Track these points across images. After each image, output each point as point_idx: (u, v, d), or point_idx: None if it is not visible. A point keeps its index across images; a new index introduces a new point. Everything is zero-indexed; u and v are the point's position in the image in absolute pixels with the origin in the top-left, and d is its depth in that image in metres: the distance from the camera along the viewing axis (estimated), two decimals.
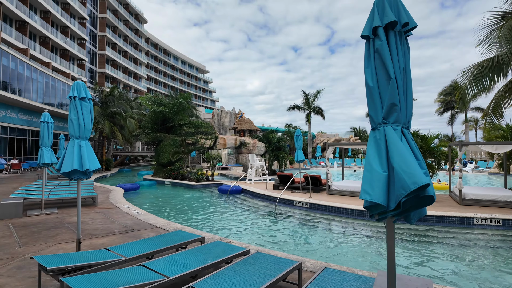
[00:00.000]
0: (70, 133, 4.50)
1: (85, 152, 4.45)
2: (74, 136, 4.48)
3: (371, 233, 7.58)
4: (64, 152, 4.48)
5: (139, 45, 64.06)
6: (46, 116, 8.15)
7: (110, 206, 9.31)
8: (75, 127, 4.47)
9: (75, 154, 4.38)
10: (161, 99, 21.61)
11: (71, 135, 4.50)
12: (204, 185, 16.18)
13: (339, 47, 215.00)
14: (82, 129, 4.51)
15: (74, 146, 4.43)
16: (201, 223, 8.74)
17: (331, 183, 12.25)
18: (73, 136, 4.49)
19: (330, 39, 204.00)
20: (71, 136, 4.50)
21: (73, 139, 4.49)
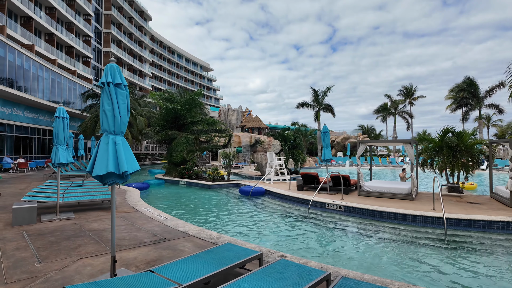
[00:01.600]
0: (103, 127, 3.68)
1: (122, 151, 3.63)
2: (108, 131, 3.66)
3: (419, 241, 6.72)
4: (95, 150, 3.66)
5: (143, 43, 63.28)
6: (61, 110, 7.35)
7: (130, 209, 8.51)
8: (109, 119, 3.65)
9: (110, 153, 3.56)
10: (172, 95, 20.81)
11: (104, 129, 3.68)
12: (220, 185, 15.38)
13: (340, 45, 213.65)
14: (117, 122, 3.69)
15: (108, 143, 3.61)
16: (232, 229, 7.92)
17: (363, 183, 11.39)
18: (106, 131, 3.67)
19: (331, 37, 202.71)
20: (104, 131, 3.68)
21: (107, 134, 3.67)
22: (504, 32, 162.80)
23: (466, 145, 11.92)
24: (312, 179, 12.79)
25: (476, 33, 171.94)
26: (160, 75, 74.39)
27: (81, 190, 9.68)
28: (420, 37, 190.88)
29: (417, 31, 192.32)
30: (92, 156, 3.69)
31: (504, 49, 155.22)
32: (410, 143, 10.54)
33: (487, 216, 7.73)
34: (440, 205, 9.03)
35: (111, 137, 3.66)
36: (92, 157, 3.68)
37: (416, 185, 10.46)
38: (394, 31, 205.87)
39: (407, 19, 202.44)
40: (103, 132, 3.70)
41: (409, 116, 50.79)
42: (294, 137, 19.49)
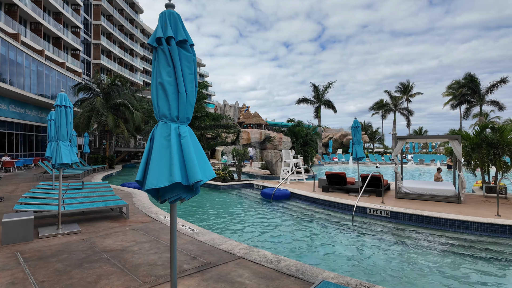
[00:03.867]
0: (159, 110, 2.32)
1: (191, 148, 2.28)
2: (169, 117, 2.31)
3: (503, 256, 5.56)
4: (146, 150, 2.31)
5: (134, 36, 60.91)
6: (63, 98, 5.89)
7: (146, 218, 7.10)
8: (170, 97, 2.31)
9: (173, 152, 2.21)
10: None
11: (162, 114, 2.32)
12: (232, 185, 14.02)
13: (329, 43, 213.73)
14: (183, 103, 2.35)
15: (170, 137, 2.26)
16: (273, 244, 6.62)
17: (401, 184, 10.23)
18: (165, 116, 2.31)
19: (321, 35, 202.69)
20: (162, 117, 2.32)
21: (166, 122, 2.31)
22: (487, 32, 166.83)
23: (507, 141, 10.90)
24: (339, 180, 11.58)
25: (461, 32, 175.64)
26: (151, 70, 72.03)
27: (83, 195, 8.18)
28: (407, 36, 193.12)
29: (404, 30, 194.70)
30: (143, 159, 2.33)
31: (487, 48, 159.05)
32: (457, 139, 9.42)
33: None
34: (498, 209, 7.94)
35: (173, 126, 2.30)
36: (143, 160, 2.31)
37: (465, 186, 9.36)
38: (382, 29, 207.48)
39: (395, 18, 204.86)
40: (159, 119, 2.33)
41: (408, 113, 50.34)
42: (306, 133, 18.26)
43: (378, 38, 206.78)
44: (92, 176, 17.06)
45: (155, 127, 2.33)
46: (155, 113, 2.35)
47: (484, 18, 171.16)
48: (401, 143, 10.31)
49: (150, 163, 2.22)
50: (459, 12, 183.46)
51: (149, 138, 2.35)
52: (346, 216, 8.70)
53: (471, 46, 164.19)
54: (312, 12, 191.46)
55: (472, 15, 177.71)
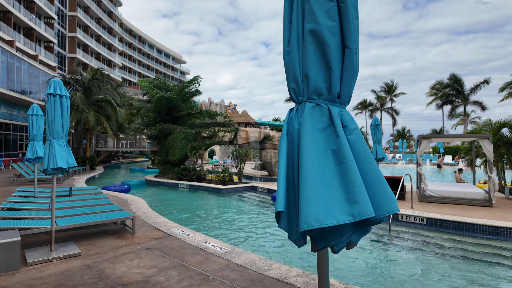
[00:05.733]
0: (310, 85, 1.24)
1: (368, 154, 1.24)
2: (327, 95, 1.24)
3: None
4: (290, 152, 1.24)
5: (113, 30, 58.09)
6: (57, 84, 4.62)
7: (156, 233, 5.91)
8: (334, 67, 1.22)
9: (348, 163, 1.15)
10: (164, 82, 17.83)
11: (313, 89, 1.24)
12: (234, 188, 12.92)
13: None
14: (351, 74, 1.27)
15: (336, 132, 1.19)
16: (305, 258, 5.63)
17: (426, 187, 9.55)
18: (319, 93, 1.24)
19: None
20: (310, 95, 1.25)
21: (321, 102, 1.25)
22: (457, 36, 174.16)
23: None
24: None
25: (433, 36, 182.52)
26: (130, 66, 69.34)
27: (75, 204, 6.83)
28: (383, 38, 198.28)
29: (381, 32, 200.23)
30: (281, 174, 1.26)
31: (457, 52, 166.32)
32: (488, 138, 8.82)
33: None
34: None
35: (334, 110, 1.27)
36: (281, 176, 1.25)
37: (496, 188, 8.79)
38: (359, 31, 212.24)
39: (371, 21, 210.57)
40: (303, 97, 1.28)
41: (395, 113, 50.98)
42: None
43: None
44: (73, 179, 15.40)
45: (295, 113, 1.28)
46: (292, 88, 1.30)
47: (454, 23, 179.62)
48: (426, 143, 9.63)
49: (302, 181, 1.16)
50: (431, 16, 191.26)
51: (284, 134, 1.29)
52: None
53: (443, 49, 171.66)
54: None
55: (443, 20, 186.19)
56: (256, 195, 12.26)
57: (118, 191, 11.94)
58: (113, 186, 12.67)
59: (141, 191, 13.65)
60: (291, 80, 1.28)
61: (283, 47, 1.35)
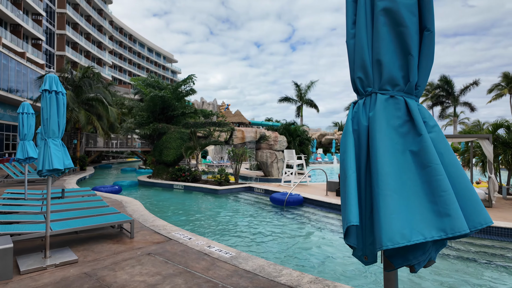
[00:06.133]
0: (383, 74, 1.05)
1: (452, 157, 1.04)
2: (402, 86, 1.05)
3: None
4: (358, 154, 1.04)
5: (103, 28, 57.06)
6: (53, 80, 4.35)
7: (156, 237, 5.65)
8: (413, 52, 1.03)
9: (435, 166, 0.96)
10: (158, 80, 17.46)
11: (387, 78, 1.05)
12: (230, 189, 12.69)
13: (300, 45, 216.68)
14: (430, 61, 1.08)
15: (418, 130, 1.00)
16: (314, 261, 5.46)
17: None
18: (394, 83, 1.05)
19: (291, 37, 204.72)
20: (383, 85, 1.06)
21: (397, 95, 1.05)
22: (445, 38, 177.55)
23: None
24: None
25: None
26: (121, 65, 68.30)
27: (68, 207, 6.52)
28: None
29: None
30: (350, 180, 1.06)
31: (446, 54, 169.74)
32: (488, 139, 8.83)
33: None
34: None
35: (411, 104, 1.06)
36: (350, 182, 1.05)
37: (496, 189, 8.80)
38: None
39: None
40: (374, 88, 1.08)
41: None
42: (302, 132, 17.34)
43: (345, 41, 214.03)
44: (63, 180, 14.92)
45: (362, 107, 1.09)
46: (358, 77, 1.10)
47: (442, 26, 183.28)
48: None
49: (380, 189, 0.96)
50: None
51: (349, 132, 1.09)
52: None
53: None
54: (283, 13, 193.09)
55: None
56: (253, 196, 12.06)
57: (108, 192, 11.57)
58: (103, 187, 12.29)
59: (134, 192, 13.30)
60: (357, 68, 1.09)
61: (346, 30, 1.16)
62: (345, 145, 1.06)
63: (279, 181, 15.08)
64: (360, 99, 1.13)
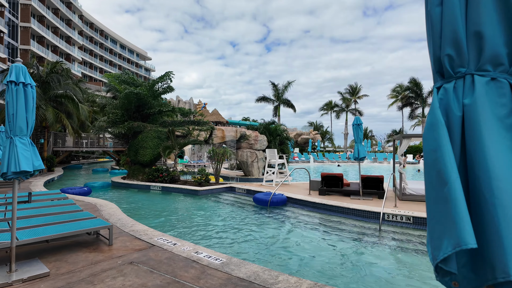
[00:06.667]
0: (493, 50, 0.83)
1: None
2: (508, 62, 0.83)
3: None
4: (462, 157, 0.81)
5: (72, 22, 54.30)
6: (21, 70, 3.86)
7: (137, 243, 5.23)
8: None
9: None
10: (133, 77, 16.70)
11: (492, 54, 0.84)
12: (211, 190, 12.32)
13: (275, 46, 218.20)
14: None
15: None
16: (305, 266, 5.29)
17: (406, 186, 9.66)
18: (499, 61, 0.83)
19: (266, 37, 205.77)
20: (486, 63, 0.84)
21: (500, 76, 0.83)
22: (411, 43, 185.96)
23: None
24: (336, 181, 10.69)
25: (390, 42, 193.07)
26: (91, 61, 65.42)
27: (37, 212, 5.92)
28: (345, 43, 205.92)
29: (342, 37, 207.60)
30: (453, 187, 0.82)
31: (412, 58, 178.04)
32: None
33: None
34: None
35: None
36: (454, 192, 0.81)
37: None
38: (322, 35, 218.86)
39: (334, 26, 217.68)
40: (470, 68, 0.85)
41: (359, 113, 52.78)
42: (282, 131, 17.25)
43: (319, 43, 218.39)
44: (29, 182, 13.88)
45: (452, 93, 0.86)
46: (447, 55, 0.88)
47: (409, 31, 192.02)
48: (406, 142, 9.74)
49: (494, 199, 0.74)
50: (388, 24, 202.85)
51: (440, 124, 0.86)
52: (363, 224, 7.73)
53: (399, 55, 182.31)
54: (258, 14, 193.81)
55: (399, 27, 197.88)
56: (235, 196, 11.77)
57: (76, 194, 10.84)
58: (70, 189, 11.50)
59: (108, 194, 12.59)
60: (446, 43, 0.86)
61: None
62: (436, 140, 0.83)
63: (259, 181, 14.89)
64: (446, 82, 0.91)
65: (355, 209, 8.36)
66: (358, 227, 7.52)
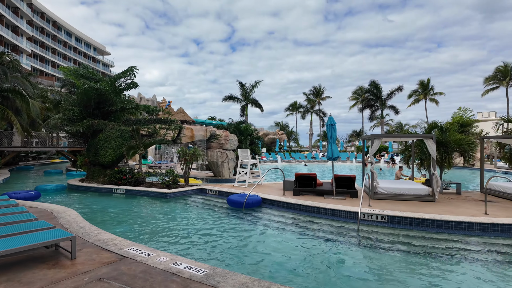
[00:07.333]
0: None
1: None
2: None
3: None
4: None
5: (19, 10, 49.78)
6: None
7: (106, 255, 4.66)
8: None
9: None
10: (93, 72, 15.48)
11: None
12: (181, 192, 11.73)
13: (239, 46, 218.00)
14: None
15: None
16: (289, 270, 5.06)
17: (378, 185, 9.85)
18: None
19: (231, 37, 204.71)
20: None
21: None
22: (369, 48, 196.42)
23: (455, 141, 11.67)
24: (310, 181, 10.66)
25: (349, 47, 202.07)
26: (42, 54, 60.47)
27: None
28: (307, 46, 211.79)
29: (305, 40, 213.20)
30: None
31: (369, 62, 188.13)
32: (432, 138, 9.47)
33: None
34: (486, 208, 8.12)
35: None
36: None
37: (439, 185, 9.48)
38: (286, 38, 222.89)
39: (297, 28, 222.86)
40: None
41: (323, 114, 54.19)
42: (252, 130, 17.01)
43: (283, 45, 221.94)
44: None
45: None
46: None
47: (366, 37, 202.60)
48: (378, 142, 9.94)
49: None
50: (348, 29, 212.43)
51: None
52: (339, 224, 7.71)
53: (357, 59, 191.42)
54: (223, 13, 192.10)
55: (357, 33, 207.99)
56: (206, 199, 11.30)
57: (21, 199, 9.72)
58: (14, 193, 10.32)
59: (63, 198, 11.47)
60: None
61: None
62: None
63: (230, 182, 14.52)
64: None
65: (331, 209, 8.33)
66: (336, 227, 7.47)
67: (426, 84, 46.25)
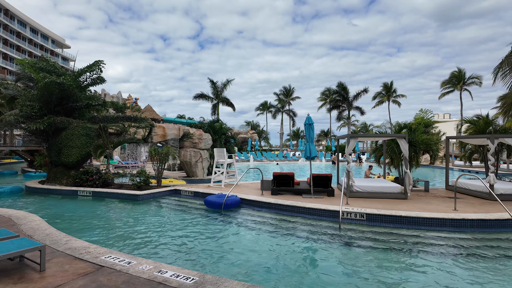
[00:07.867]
0: None
1: None
2: None
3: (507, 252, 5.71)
4: None
5: None
6: None
7: (80, 265, 4.23)
8: None
9: None
10: (54, 65, 14.34)
11: None
12: (153, 194, 11.21)
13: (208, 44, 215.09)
14: None
15: None
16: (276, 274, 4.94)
17: (353, 183, 10.05)
18: None
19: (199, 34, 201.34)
20: None
21: None
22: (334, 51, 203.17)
23: (423, 140, 12.24)
24: (288, 180, 10.64)
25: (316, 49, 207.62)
26: None
27: None
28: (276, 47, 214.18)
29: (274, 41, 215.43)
30: None
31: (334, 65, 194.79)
32: (404, 138, 9.82)
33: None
34: (455, 204, 8.55)
35: None
36: None
37: (411, 183, 9.86)
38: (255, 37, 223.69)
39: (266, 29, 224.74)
40: None
41: (293, 114, 54.95)
42: (226, 129, 16.72)
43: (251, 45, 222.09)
44: None
45: None
46: None
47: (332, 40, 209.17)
48: (354, 141, 10.14)
49: None
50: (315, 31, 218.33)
51: None
52: (320, 222, 7.73)
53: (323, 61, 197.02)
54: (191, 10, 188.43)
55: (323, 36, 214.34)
56: (181, 200, 10.89)
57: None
58: None
59: (20, 202, 10.49)
60: None
61: None
62: None
63: (204, 182, 14.16)
64: None
65: (312, 208, 8.35)
66: (317, 226, 7.48)
67: (390, 86, 48.54)
